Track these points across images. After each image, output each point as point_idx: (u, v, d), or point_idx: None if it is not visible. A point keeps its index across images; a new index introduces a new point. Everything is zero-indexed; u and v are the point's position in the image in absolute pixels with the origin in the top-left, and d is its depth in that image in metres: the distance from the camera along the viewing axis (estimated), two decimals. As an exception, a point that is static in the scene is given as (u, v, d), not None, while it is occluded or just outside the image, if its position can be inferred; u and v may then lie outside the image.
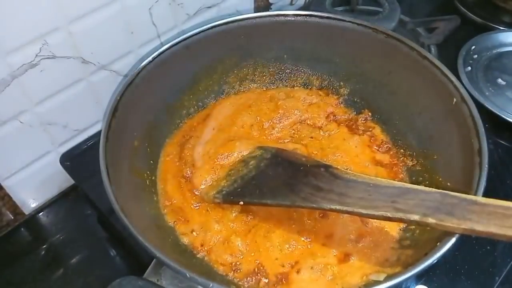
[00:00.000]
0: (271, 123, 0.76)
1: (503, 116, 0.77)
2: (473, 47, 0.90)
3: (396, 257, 0.58)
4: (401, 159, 0.71)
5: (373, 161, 0.71)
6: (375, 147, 0.73)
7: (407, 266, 0.49)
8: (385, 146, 0.73)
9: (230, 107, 0.78)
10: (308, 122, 0.76)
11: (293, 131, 0.75)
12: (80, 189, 0.75)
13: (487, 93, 0.83)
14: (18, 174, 0.69)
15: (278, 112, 0.77)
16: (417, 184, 0.66)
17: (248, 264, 0.59)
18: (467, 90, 0.63)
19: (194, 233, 0.63)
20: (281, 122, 0.76)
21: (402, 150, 0.72)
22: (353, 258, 0.59)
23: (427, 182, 0.66)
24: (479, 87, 0.84)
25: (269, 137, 0.74)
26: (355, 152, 0.72)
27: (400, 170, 0.70)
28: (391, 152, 0.72)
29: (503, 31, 0.94)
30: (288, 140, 0.74)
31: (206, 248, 0.61)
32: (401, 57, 0.70)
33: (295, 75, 0.82)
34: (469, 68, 0.87)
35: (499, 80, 0.86)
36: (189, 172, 0.69)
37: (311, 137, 0.74)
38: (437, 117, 0.67)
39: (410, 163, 0.70)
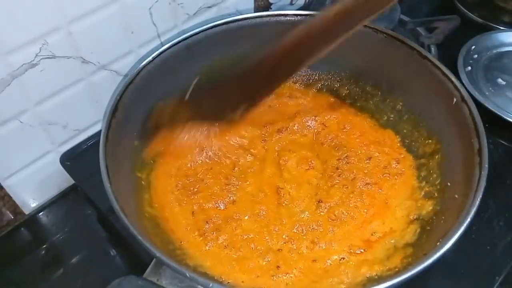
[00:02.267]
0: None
1: (503, 116, 0.77)
2: (473, 47, 0.90)
3: None
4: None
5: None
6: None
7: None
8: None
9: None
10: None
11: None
12: (80, 189, 0.75)
13: (487, 93, 0.83)
14: (18, 174, 0.69)
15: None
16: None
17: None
18: (467, 90, 0.63)
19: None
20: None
21: (402, 150, 0.72)
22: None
23: (427, 181, 0.66)
24: (479, 87, 0.84)
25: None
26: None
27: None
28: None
29: (503, 31, 0.94)
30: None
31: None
32: (401, 57, 0.70)
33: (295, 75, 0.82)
34: (469, 68, 0.87)
35: (499, 80, 0.86)
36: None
37: None
38: (437, 116, 0.67)
39: (410, 163, 0.70)
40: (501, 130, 0.78)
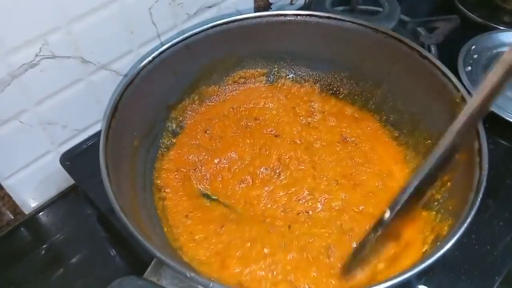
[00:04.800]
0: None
1: (503, 116, 0.77)
2: (473, 47, 0.90)
3: None
4: (401, 159, 0.71)
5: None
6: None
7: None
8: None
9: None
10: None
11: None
12: (80, 189, 0.75)
13: None
14: (18, 174, 0.69)
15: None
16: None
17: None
18: (467, 90, 0.63)
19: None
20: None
21: (401, 150, 0.72)
22: None
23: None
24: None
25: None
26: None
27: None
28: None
29: (503, 31, 0.94)
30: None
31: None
32: (401, 57, 0.70)
33: (295, 74, 0.83)
34: (469, 68, 0.87)
35: (499, 80, 0.86)
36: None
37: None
38: (437, 116, 0.67)
39: (410, 163, 0.70)
40: (501, 130, 0.78)
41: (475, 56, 0.89)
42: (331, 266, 0.58)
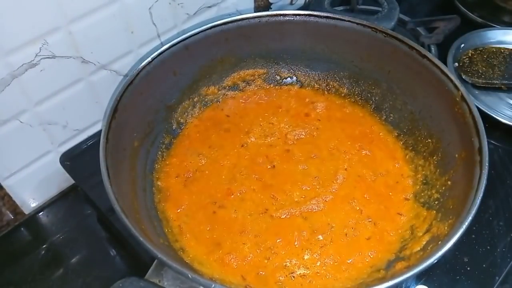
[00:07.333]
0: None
1: (503, 120, 0.77)
2: (462, 45, 0.90)
3: None
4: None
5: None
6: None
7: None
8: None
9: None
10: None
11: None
12: (80, 189, 0.75)
13: (476, 92, 0.83)
14: (18, 174, 0.69)
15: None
16: (417, 182, 0.67)
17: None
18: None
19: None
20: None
21: (402, 150, 0.72)
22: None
23: (427, 180, 0.66)
24: (467, 87, 0.84)
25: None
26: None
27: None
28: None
29: (493, 29, 0.94)
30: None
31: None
32: (400, 56, 0.70)
33: (294, 75, 0.83)
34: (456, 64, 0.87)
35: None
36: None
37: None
38: (437, 115, 0.67)
39: (410, 162, 0.70)
40: (501, 132, 0.78)
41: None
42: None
